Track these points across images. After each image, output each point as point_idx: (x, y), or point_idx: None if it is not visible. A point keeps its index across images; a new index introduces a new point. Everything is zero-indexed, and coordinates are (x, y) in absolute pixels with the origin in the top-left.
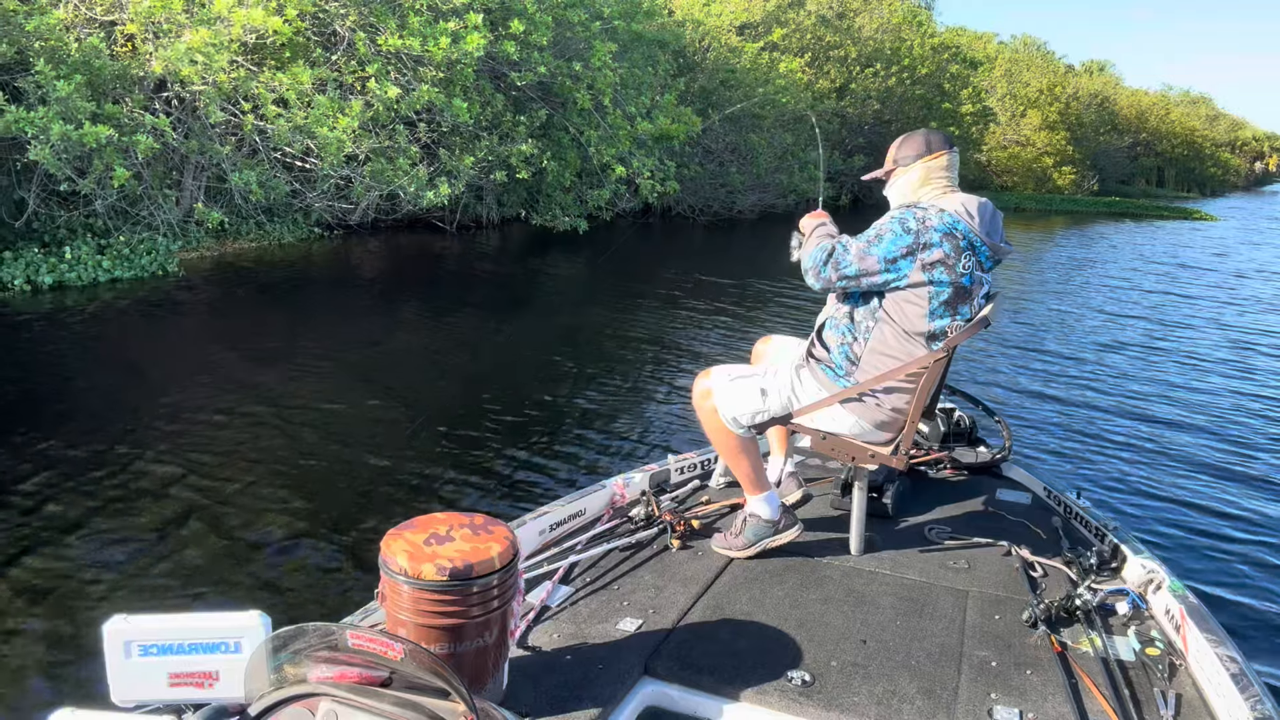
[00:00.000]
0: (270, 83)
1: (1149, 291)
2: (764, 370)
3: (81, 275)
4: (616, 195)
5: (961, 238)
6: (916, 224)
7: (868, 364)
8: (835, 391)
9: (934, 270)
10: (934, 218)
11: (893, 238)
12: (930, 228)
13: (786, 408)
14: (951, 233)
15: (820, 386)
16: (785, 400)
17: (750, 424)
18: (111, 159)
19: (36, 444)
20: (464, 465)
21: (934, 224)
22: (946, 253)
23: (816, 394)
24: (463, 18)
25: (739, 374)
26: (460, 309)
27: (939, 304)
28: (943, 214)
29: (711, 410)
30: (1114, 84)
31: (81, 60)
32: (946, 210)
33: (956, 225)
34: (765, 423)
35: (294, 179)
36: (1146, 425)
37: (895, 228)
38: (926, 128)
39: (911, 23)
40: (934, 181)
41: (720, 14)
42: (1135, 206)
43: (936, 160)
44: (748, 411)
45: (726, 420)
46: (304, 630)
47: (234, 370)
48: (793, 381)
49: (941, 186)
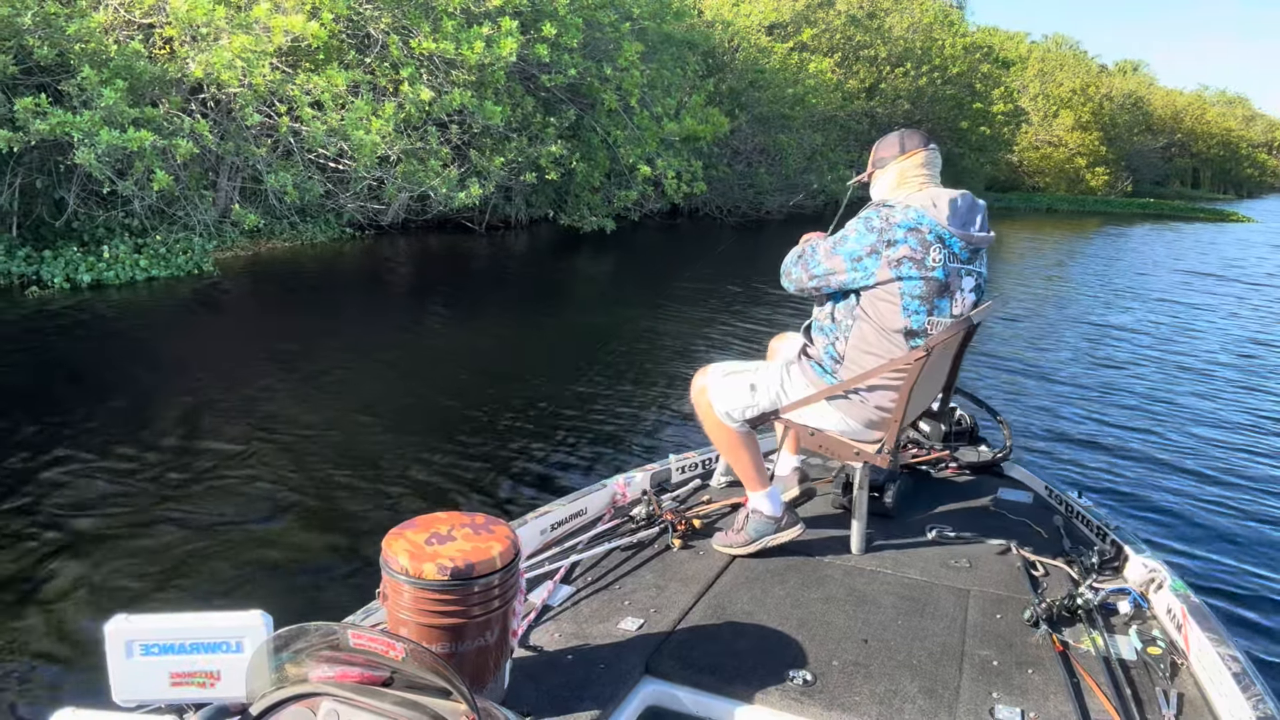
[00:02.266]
0: (306, 85)
1: (1158, 291)
2: (757, 366)
3: (119, 274)
4: (644, 196)
5: (928, 231)
6: (880, 221)
7: (851, 362)
8: (821, 388)
9: (901, 266)
10: (898, 214)
11: (857, 236)
12: (894, 224)
13: (775, 403)
14: (916, 227)
15: (808, 383)
16: (774, 396)
17: (742, 418)
18: (152, 162)
19: (49, 440)
20: (465, 464)
21: (898, 220)
22: (913, 247)
23: (804, 390)
24: (496, 21)
25: (732, 370)
26: (483, 309)
27: (912, 299)
28: (908, 209)
29: (707, 405)
30: (1148, 84)
31: (124, 65)
32: (912, 206)
33: (922, 219)
34: (756, 417)
35: (327, 180)
36: (1148, 424)
37: (860, 226)
38: (905, 127)
39: (943, 22)
40: (910, 180)
41: (750, 14)
42: (1170, 208)
43: (911, 159)
44: (738, 406)
45: (720, 415)
46: (305, 630)
47: (253, 370)
48: (782, 377)
49: (917, 184)
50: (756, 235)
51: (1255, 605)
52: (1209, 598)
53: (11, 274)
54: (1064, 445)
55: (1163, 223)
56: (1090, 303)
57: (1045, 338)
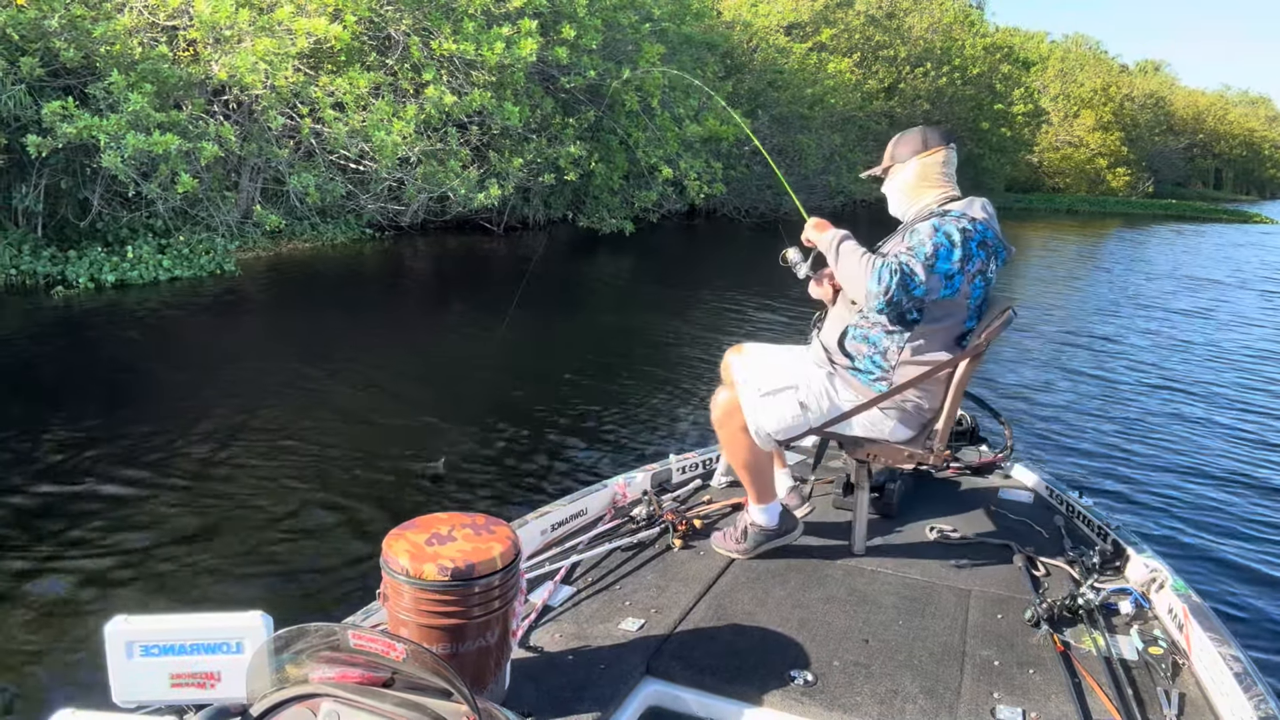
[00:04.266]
0: (328, 87)
1: (1164, 294)
2: (794, 382)
3: (143, 274)
4: (663, 197)
5: (992, 244)
6: (960, 235)
7: (903, 368)
8: (871, 395)
9: (976, 280)
10: (970, 227)
11: (945, 253)
12: (970, 239)
13: (826, 417)
14: (984, 241)
15: (855, 393)
16: (826, 409)
17: (786, 439)
18: (177, 165)
19: (55, 438)
20: (466, 464)
21: (974, 234)
22: (984, 261)
23: (854, 400)
24: (516, 23)
25: (769, 388)
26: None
27: (975, 307)
28: (975, 222)
29: (739, 428)
30: (1169, 84)
31: (150, 69)
32: (977, 219)
33: (987, 233)
34: (801, 435)
35: (347, 180)
36: (1150, 425)
37: (944, 242)
38: (926, 124)
39: (963, 22)
40: (931, 178)
41: (768, 14)
42: (1192, 209)
43: (933, 156)
44: (785, 427)
45: (759, 437)
46: (306, 630)
47: (265, 372)
48: (828, 391)
49: (939, 183)
50: (774, 236)
51: (1256, 605)
52: (1210, 598)
53: (37, 274)
54: (1065, 445)
55: (1184, 224)
56: (1095, 304)
57: (1047, 338)
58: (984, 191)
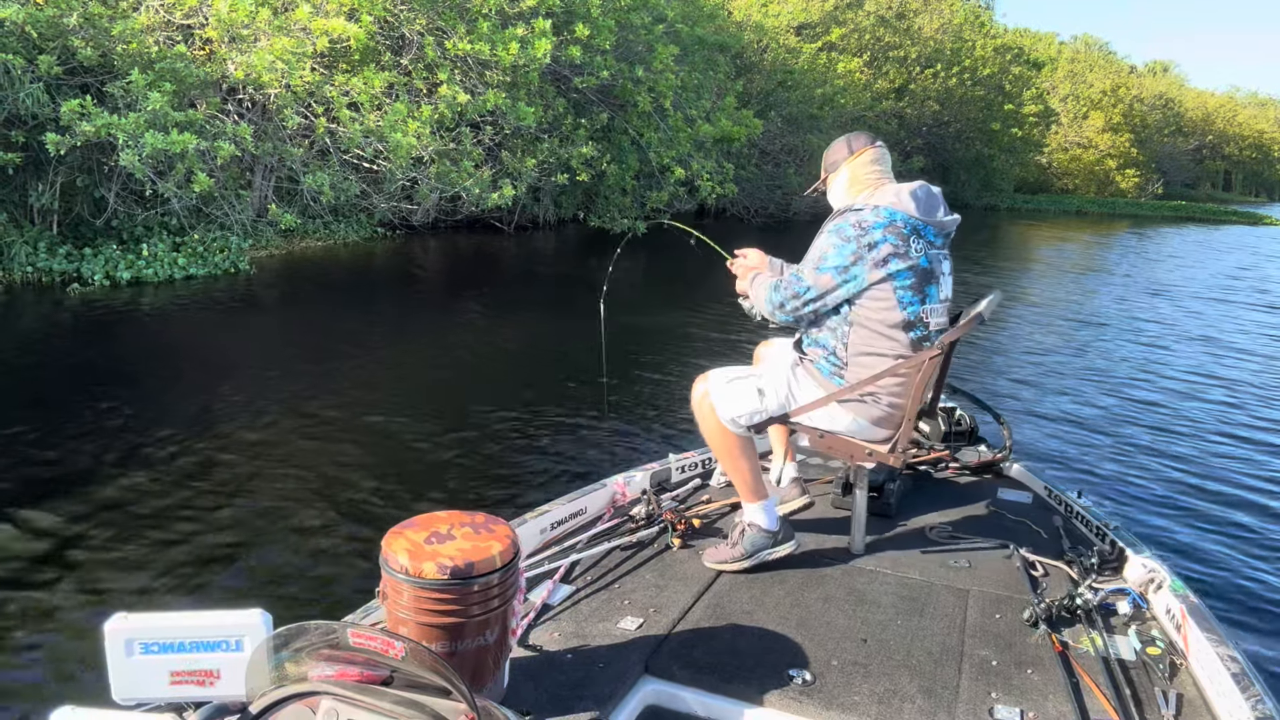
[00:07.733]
0: (343, 86)
1: (1165, 296)
2: (760, 370)
3: (158, 272)
4: (674, 197)
5: (903, 225)
6: (854, 229)
7: (855, 364)
8: (831, 389)
9: (888, 264)
10: (870, 215)
11: (836, 249)
12: (868, 226)
13: (784, 406)
14: (891, 223)
15: (816, 384)
16: (783, 399)
17: (749, 424)
18: (193, 164)
19: (60, 436)
20: (467, 464)
21: (871, 221)
22: (894, 244)
23: (813, 392)
24: (530, 23)
25: (735, 375)
26: (505, 310)
27: (904, 291)
28: (877, 209)
29: (710, 410)
30: (1179, 85)
31: (169, 68)
32: (880, 204)
33: (894, 215)
34: (764, 422)
35: (361, 179)
36: (1148, 425)
37: (835, 239)
38: (854, 131)
39: (973, 23)
40: (863, 179)
41: (778, 14)
42: (1201, 211)
43: (860, 158)
44: (745, 411)
45: (725, 421)
46: (305, 628)
47: (273, 370)
48: (789, 380)
49: (872, 182)
50: (782, 235)
51: (1254, 605)
52: (1208, 598)
53: (53, 271)
54: (1064, 445)
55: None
56: (1096, 305)
57: (1047, 339)
58: (993, 192)
